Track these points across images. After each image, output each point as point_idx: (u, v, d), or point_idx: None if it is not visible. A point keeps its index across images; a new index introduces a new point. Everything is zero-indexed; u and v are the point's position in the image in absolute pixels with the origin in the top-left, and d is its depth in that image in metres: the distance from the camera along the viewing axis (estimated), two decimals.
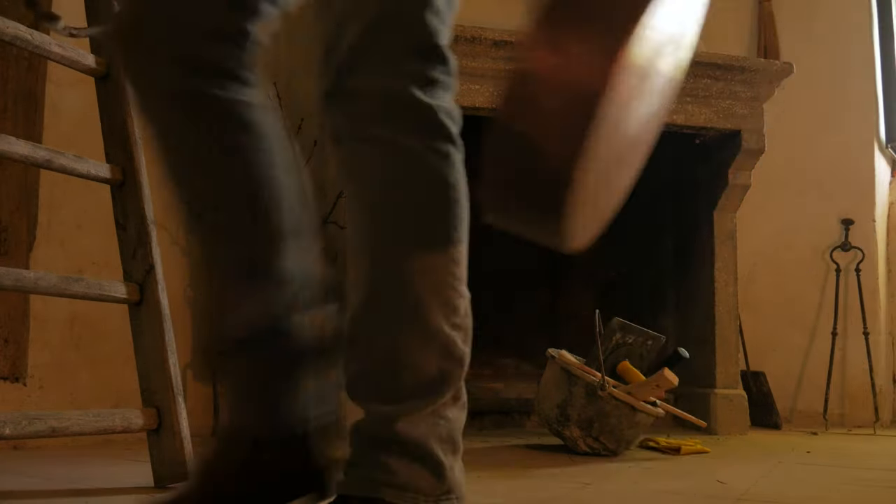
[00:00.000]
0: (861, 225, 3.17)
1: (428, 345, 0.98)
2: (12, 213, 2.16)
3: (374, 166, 1.01)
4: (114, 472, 1.76)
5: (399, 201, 1.01)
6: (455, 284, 1.02)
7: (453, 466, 1.02)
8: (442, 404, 1.01)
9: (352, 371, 1.02)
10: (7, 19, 1.50)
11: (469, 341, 1.03)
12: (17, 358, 2.16)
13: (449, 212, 1.04)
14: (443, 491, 1.00)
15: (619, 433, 2.17)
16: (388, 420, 0.99)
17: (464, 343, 1.02)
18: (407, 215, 1.01)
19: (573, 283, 3.50)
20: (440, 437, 1.01)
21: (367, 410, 1.03)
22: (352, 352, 1.01)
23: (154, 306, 1.62)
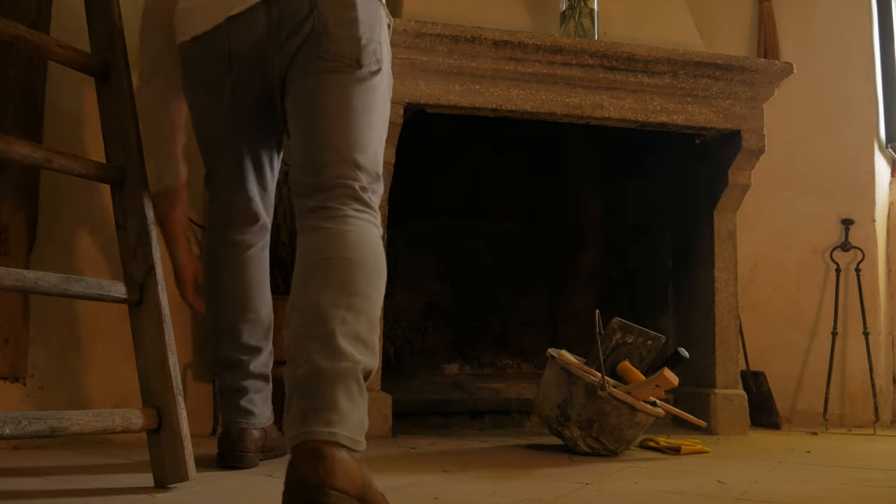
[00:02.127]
0: (861, 225, 3.17)
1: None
2: (12, 213, 2.16)
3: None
4: (114, 472, 1.76)
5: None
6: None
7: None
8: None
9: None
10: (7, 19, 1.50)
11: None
12: (17, 358, 2.16)
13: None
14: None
15: (619, 433, 2.17)
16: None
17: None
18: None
19: (573, 283, 3.50)
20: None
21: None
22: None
23: (154, 306, 1.63)
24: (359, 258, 1.38)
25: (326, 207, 1.44)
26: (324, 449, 1.18)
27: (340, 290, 1.34)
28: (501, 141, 3.41)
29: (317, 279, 1.36)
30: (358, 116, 1.50)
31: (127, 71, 1.73)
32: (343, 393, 1.24)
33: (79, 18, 1.81)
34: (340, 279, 1.35)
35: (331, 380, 1.24)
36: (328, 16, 1.52)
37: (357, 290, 1.35)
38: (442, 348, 3.30)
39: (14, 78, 2.19)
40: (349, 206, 1.45)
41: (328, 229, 1.42)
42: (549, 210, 3.56)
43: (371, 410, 2.39)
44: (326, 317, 1.30)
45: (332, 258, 1.38)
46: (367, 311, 1.35)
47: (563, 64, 2.54)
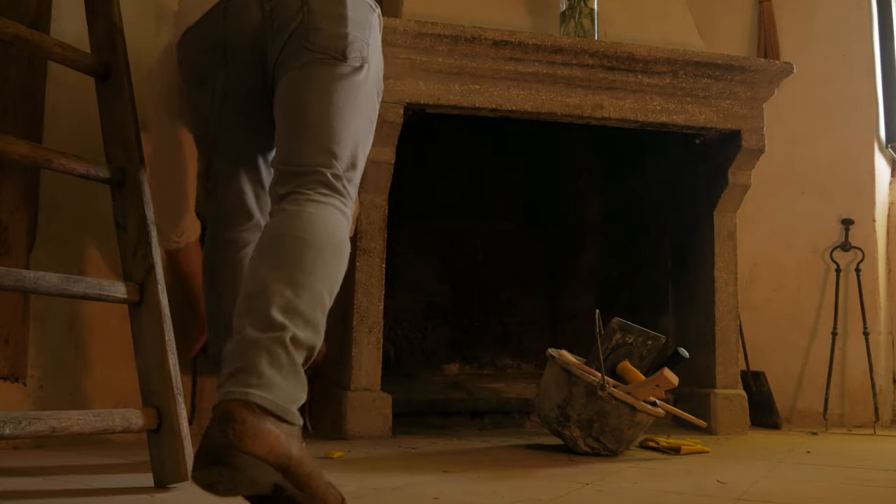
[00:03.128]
0: (861, 225, 3.17)
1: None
2: (12, 213, 2.16)
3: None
4: (114, 472, 1.76)
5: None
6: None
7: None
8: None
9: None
10: (7, 19, 1.50)
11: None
12: (17, 358, 2.16)
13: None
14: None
15: (619, 433, 2.17)
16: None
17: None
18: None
19: (573, 283, 3.50)
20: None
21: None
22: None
23: (154, 306, 1.63)
24: (311, 237, 1.38)
25: (294, 193, 1.45)
26: (236, 411, 1.14)
27: (286, 265, 1.34)
28: (501, 141, 3.41)
29: (266, 256, 1.37)
30: (338, 110, 1.51)
31: (127, 71, 1.73)
32: (266, 359, 1.21)
33: (79, 18, 1.81)
34: (288, 255, 1.35)
35: (255, 346, 1.22)
36: (317, 12, 1.54)
37: (303, 266, 1.34)
38: (442, 348, 3.30)
39: (14, 78, 2.19)
40: (316, 190, 1.45)
41: (288, 211, 1.42)
42: (549, 210, 3.56)
43: (371, 410, 2.41)
44: (266, 290, 1.29)
45: (285, 235, 1.38)
46: (311, 287, 1.33)
47: (563, 64, 2.54)
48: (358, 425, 2.39)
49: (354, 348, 2.44)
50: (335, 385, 2.61)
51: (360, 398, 2.42)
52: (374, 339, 2.47)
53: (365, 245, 2.48)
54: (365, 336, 2.46)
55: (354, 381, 2.43)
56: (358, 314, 2.46)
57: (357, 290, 2.46)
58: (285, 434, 1.17)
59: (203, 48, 1.65)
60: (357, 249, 2.47)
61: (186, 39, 1.68)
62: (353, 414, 2.40)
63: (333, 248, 1.41)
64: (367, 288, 2.47)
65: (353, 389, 2.43)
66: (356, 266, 2.47)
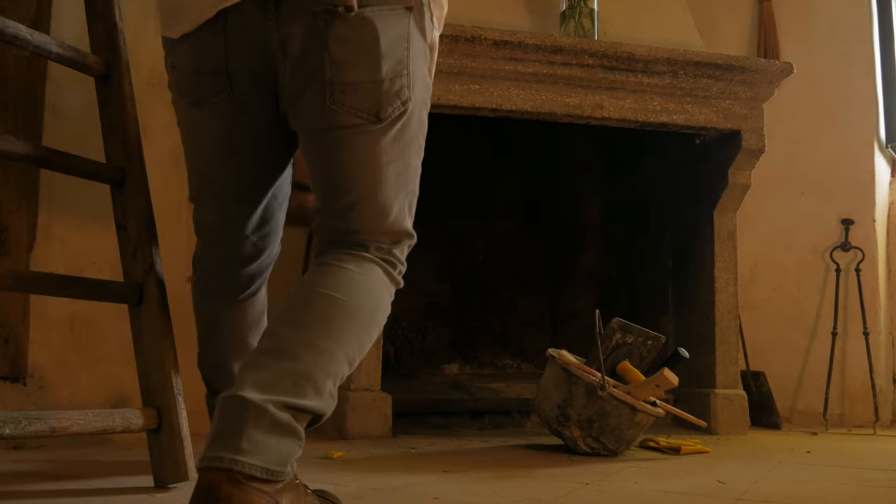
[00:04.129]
0: (861, 225, 3.17)
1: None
2: (12, 213, 2.16)
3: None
4: (114, 472, 1.76)
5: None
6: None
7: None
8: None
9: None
10: (7, 19, 1.50)
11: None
12: (17, 358, 2.16)
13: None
14: None
15: (619, 433, 2.17)
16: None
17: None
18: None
19: (573, 283, 3.50)
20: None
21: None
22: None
23: (154, 306, 1.62)
24: (347, 300, 1.29)
25: (338, 243, 1.38)
26: (221, 487, 1.11)
27: (310, 326, 1.25)
28: (501, 141, 3.41)
29: (292, 311, 1.28)
30: (380, 174, 1.36)
31: (127, 71, 1.73)
32: (259, 423, 1.15)
33: (79, 18, 1.81)
34: (316, 316, 1.26)
35: (251, 408, 1.15)
36: (340, 58, 1.29)
37: (328, 331, 1.25)
38: (442, 348, 3.30)
39: (14, 78, 2.19)
40: (366, 251, 1.37)
41: (331, 265, 1.33)
42: (549, 210, 3.56)
43: (371, 410, 2.41)
44: (281, 349, 1.22)
45: (320, 293, 1.29)
46: (331, 355, 1.24)
47: (563, 64, 2.54)
48: (358, 425, 2.40)
49: None
50: None
51: (360, 398, 2.42)
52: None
53: None
54: None
55: (354, 381, 2.43)
56: None
57: None
58: (275, 492, 1.14)
59: (202, 69, 1.39)
60: None
61: (178, 51, 1.42)
62: (353, 414, 2.40)
63: (369, 313, 1.32)
64: None
65: (353, 389, 2.43)
66: None
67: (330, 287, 1.30)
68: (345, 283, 1.31)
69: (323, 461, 1.98)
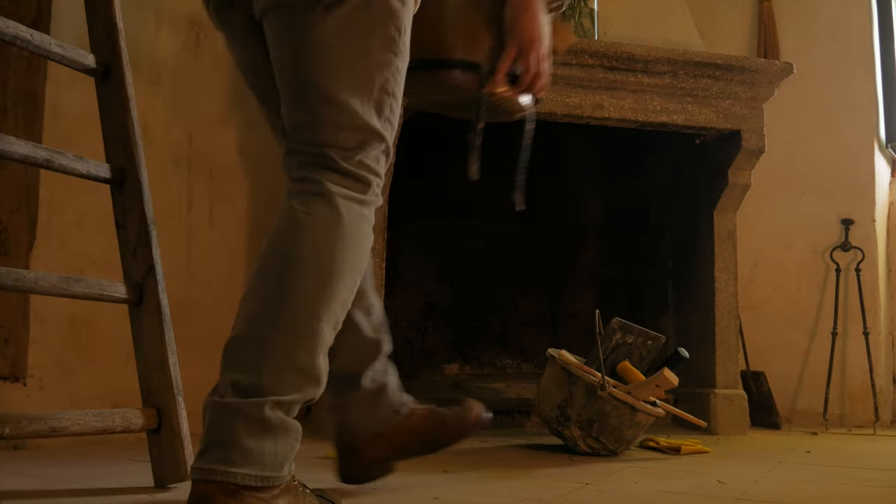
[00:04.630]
0: (861, 225, 3.17)
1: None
2: (12, 213, 2.16)
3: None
4: (114, 472, 1.76)
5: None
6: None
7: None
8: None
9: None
10: (7, 19, 1.50)
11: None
12: (17, 358, 2.16)
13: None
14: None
15: (619, 433, 2.17)
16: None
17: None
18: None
19: (573, 283, 3.50)
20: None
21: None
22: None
23: (154, 306, 1.63)
24: (305, 254, 1.18)
25: (302, 179, 1.23)
26: (214, 498, 1.10)
27: (274, 299, 1.16)
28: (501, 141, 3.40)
29: (256, 281, 1.19)
30: (325, 60, 1.20)
31: (127, 71, 1.73)
32: (248, 429, 1.12)
33: (79, 18, 1.81)
34: (279, 285, 1.17)
35: (236, 414, 1.12)
36: None
37: (295, 300, 1.16)
38: (442, 348, 3.30)
39: (14, 78, 2.19)
40: (325, 177, 1.21)
41: (286, 214, 1.21)
42: (549, 210, 3.56)
43: None
44: (249, 340, 1.16)
45: (276, 254, 1.19)
46: (306, 329, 1.16)
47: (563, 64, 2.54)
48: None
49: None
50: None
51: None
52: None
53: None
54: None
55: None
56: None
57: None
58: (272, 497, 1.13)
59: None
60: None
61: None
62: None
63: (329, 262, 1.19)
64: None
65: None
66: None
67: (287, 244, 1.19)
68: (302, 234, 1.18)
69: (323, 461, 1.98)
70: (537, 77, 1.44)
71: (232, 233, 2.71)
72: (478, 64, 1.39)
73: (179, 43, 2.64)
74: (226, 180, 2.71)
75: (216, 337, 2.74)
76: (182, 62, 2.64)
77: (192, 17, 2.68)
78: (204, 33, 2.70)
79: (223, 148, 2.72)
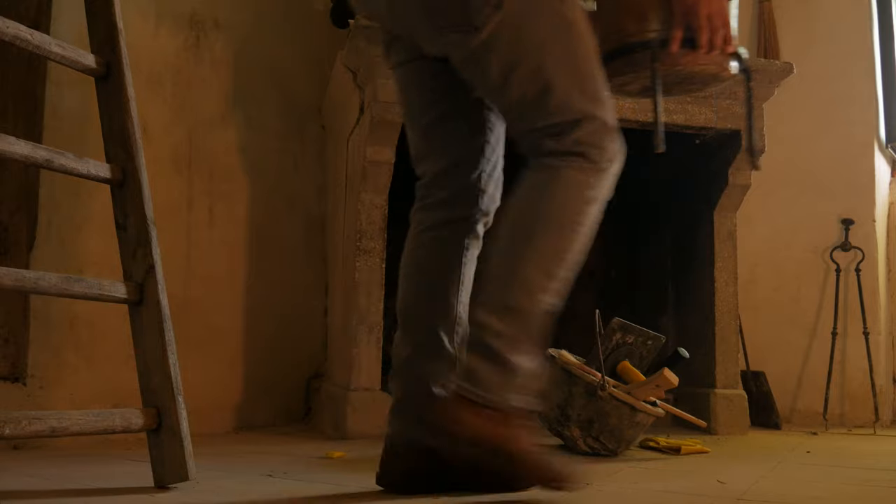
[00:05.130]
0: (861, 225, 3.17)
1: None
2: (12, 213, 2.16)
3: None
4: (114, 472, 1.76)
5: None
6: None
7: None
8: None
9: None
10: (7, 19, 1.50)
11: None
12: (17, 358, 2.16)
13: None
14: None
15: (619, 433, 2.17)
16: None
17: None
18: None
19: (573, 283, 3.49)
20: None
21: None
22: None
23: (154, 306, 1.63)
24: (529, 215, 1.41)
25: (525, 170, 1.45)
26: (447, 405, 1.35)
27: (507, 249, 1.41)
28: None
29: (498, 234, 1.45)
30: (508, 83, 1.40)
31: (127, 71, 1.73)
32: (476, 355, 1.36)
33: (79, 18, 1.81)
34: (514, 236, 1.41)
35: (471, 342, 1.39)
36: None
37: (524, 252, 1.40)
38: None
39: (14, 78, 2.20)
40: (543, 155, 1.43)
41: (520, 181, 1.44)
42: None
43: (371, 410, 2.41)
44: (489, 279, 1.41)
45: (508, 213, 1.44)
46: (522, 276, 1.40)
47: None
48: (358, 425, 2.39)
49: (354, 348, 2.44)
50: (335, 385, 2.61)
51: (361, 398, 2.42)
52: (374, 339, 2.47)
53: (365, 245, 2.48)
54: (365, 336, 2.46)
55: (354, 381, 2.43)
56: (358, 314, 2.46)
57: (357, 290, 2.46)
58: (488, 418, 1.32)
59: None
60: (357, 249, 2.47)
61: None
62: (354, 414, 2.40)
63: (556, 223, 1.41)
64: (368, 288, 2.47)
65: (353, 389, 2.43)
66: (356, 266, 2.47)
67: (519, 205, 1.43)
68: (530, 199, 1.42)
69: (323, 461, 1.98)
70: (714, 34, 1.50)
71: (232, 233, 2.71)
72: (649, 40, 1.48)
73: (179, 43, 2.64)
74: (226, 180, 2.71)
75: (216, 337, 2.76)
76: (182, 62, 2.65)
77: (192, 17, 2.69)
78: (204, 33, 2.70)
79: (223, 148, 2.72)
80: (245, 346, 2.71)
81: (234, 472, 1.79)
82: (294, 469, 1.83)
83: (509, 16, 1.36)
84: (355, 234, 2.48)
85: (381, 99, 2.38)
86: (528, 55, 1.39)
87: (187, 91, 2.65)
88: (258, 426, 2.69)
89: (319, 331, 2.95)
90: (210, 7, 2.72)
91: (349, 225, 2.59)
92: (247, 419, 2.68)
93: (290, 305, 2.87)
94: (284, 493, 1.53)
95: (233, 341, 2.69)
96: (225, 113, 2.73)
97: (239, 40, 2.79)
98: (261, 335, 2.75)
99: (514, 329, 1.37)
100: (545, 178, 1.41)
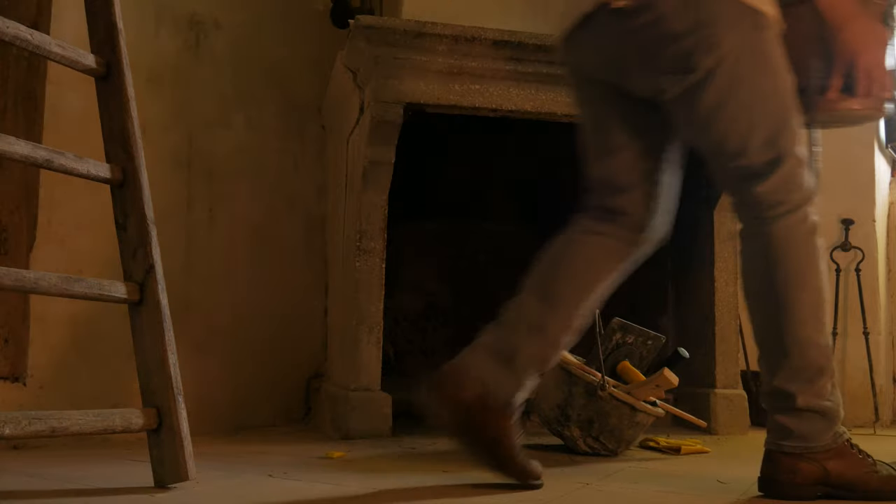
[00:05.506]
0: (861, 225, 3.17)
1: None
2: (12, 213, 2.16)
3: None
4: (114, 472, 1.76)
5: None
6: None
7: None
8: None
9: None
10: (7, 19, 1.50)
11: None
12: (17, 358, 2.16)
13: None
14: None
15: (619, 433, 2.17)
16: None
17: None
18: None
19: None
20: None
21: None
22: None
23: (154, 306, 1.63)
24: (756, 287, 1.66)
25: (743, 220, 1.62)
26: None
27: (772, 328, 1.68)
28: (501, 141, 3.41)
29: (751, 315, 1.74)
30: (717, 119, 1.52)
31: (127, 71, 1.74)
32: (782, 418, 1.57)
33: (79, 18, 1.81)
34: (765, 318, 1.70)
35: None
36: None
37: (779, 326, 1.68)
38: (442, 348, 3.30)
39: (14, 78, 2.20)
40: (745, 216, 1.58)
41: (742, 256, 1.66)
42: (549, 210, 3.56)
43: (371, 410, 2.41)
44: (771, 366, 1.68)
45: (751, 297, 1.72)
46: (799, 327, 1.69)
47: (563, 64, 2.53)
48: (358, 425, 2.39)
49: (354, 348, 2.44)
50: (335, 385, 2.61)
51: (361, 398, 2.42)
52: (374, 339, 2.47)
53: (365, 245, 2.48)
54: (365, 336, 2.46)
55: (354, 381, 2.43)
56: (358, 314, 2.46)
57: (357, 289, 2.46)
58: (812, 460, 1.57)
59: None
60: (357, 249, 2.47)
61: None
62: (354, 414, 2.40)
63: (796, 283, 1.67)
64: (367, 288, 2.47)
65: (353, 389, 2.43)
66: (356, 266, 2.47)
67: (747, 276, 1.68)
68: (750, 269, 1.66)
69: (323, 461, 1.98)
70: (871, 82, 1.59)
71: (232, 233, 2.72)
72: (808, 87, 1.61)
73: (179, 43, 2.64)
74: (226, 180, 2.72)
75: (216, 337, 2.77)
76: (182, 62, 2.65)
77: (192, 17, 2.69)
78: (204, 33, 2.70)
79: (223, 148, 2.72)
80: (245, 346, 2.71)
81: (234, 472, 1.79)
82: (294, 469, 1.83)
83: (724, 57, 1.47)
84: (355, 234, 2.48)
85: (381, 99, 2.39)
86: (735, 94, 1.49)
87: (187, 91, 2.65)
88: (258, 426, 2.69)
89: (319, 331, 2.96)
90: (210, 7, 2.72)
91: (349, 225, 2.59)
92: (247, 419, 2.68)
93: (290, 305, 2.87)
94: (284, 494, 1.54)
95: (233, 341, 2.69)
96: (225, 113, 2.73)
97: (239, 40, 2.79)
98: (261, 335, 2.75)
99: (812, 384, 1.59)
100: (763, 245, 1.58)
